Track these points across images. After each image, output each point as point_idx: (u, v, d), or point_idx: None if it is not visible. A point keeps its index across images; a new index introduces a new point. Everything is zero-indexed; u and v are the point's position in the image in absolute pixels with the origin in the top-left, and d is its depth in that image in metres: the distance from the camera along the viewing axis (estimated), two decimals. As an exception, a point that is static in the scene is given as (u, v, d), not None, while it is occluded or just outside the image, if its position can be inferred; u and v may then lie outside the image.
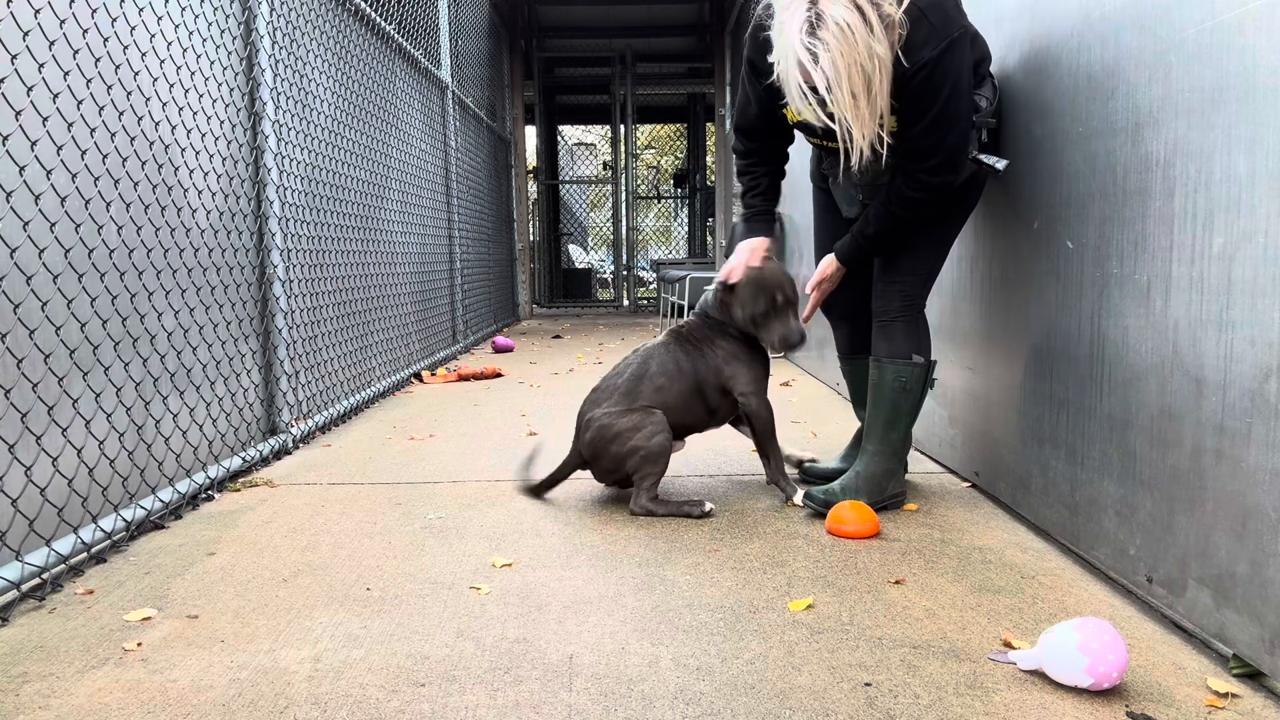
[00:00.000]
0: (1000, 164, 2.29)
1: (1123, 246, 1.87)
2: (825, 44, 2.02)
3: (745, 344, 2.62)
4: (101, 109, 2.29)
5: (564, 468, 2.65)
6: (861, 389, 2.71)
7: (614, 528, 2.38)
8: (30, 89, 2.00)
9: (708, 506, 2.45)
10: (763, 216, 2.62)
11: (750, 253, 2.58)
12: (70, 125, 2.16)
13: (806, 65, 2.05)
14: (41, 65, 2.05)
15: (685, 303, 6.68)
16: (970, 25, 2.22)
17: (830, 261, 2.52)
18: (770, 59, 2.18)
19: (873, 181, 2.38)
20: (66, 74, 2.15)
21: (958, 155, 2.25)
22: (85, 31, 2.23)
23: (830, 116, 2.10)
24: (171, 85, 2.64)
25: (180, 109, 2.69)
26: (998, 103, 2.41)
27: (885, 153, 2.17)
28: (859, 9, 2.02)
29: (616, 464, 2.54)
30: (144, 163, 2.49)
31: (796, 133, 2.49)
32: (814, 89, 2.09)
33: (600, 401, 2.59)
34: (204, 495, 2.70)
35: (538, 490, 2.70)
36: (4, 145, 1.93)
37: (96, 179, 2.26)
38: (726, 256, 2.94)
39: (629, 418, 2.52)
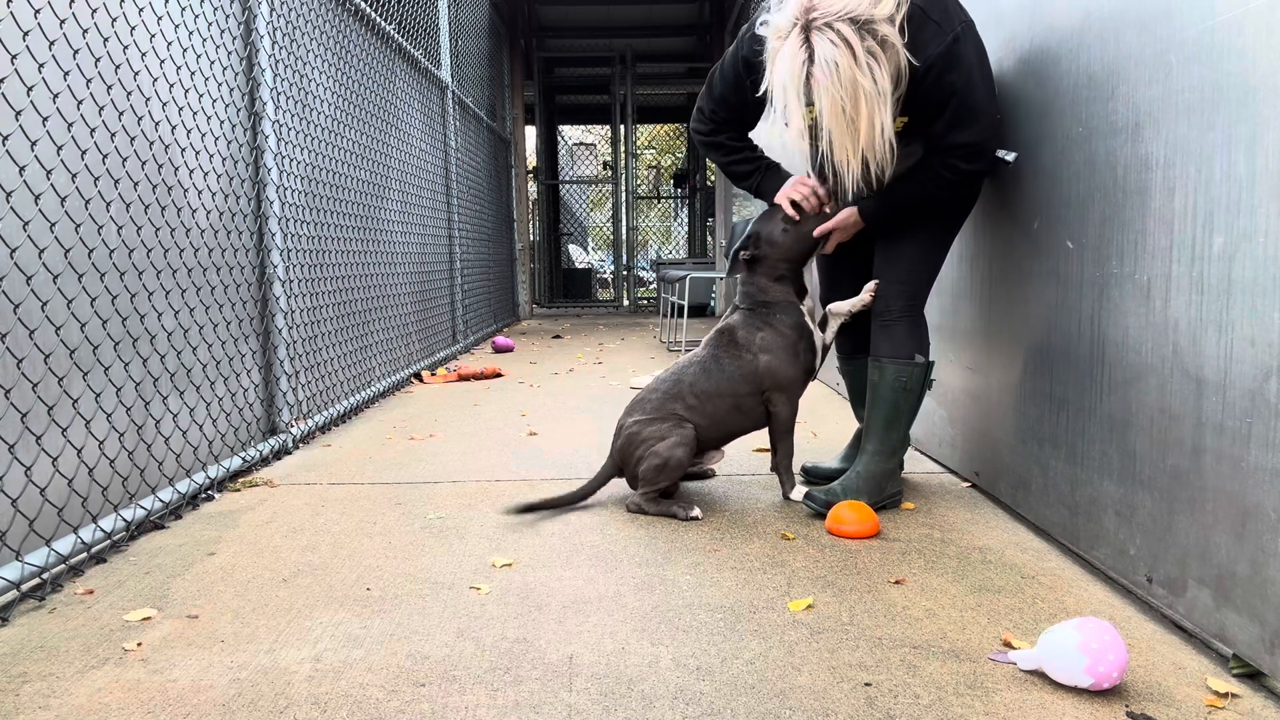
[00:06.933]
0: (1010, 156, 2.32)
1: (1123, 246, 1.87)
2: (818, 82, 2.09)
3: (790, 331, 2.51)
4: (101, 109, 2.29)
5: (601, 476, 2.59)
6: (861, 389, 2.71)
7: (614, 528, 2.38)
8: (30, 89, 2.00)
9: (695, 511, 2.44)
10: (772, 167, 2.56)
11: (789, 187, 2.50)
12: (70, 125, 2.16)
13: (803, 106, 2.14)
14: (41, 65, 2.05)
15: (685, 303, 6.67)
16: (970, 18, 2.24)
17: (851, 213, 2.43)
18: (765, 81, 2.22)
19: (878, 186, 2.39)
20: (66, 74, 2.15)
21: (987, 146, 2.26)
22: (85, 31, 2.23)
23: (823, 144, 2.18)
24: (171, 85, 2.64)
25: (180, 109, 2.69)
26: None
27: (875, 177, 2.21)
28: (848, 43, 2.06)
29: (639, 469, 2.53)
30: (144, 163, 2.49)
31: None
32: (811, 128, 2.18)
33: (634, 411, 2.58)
34: (204, 495, 2.70)
35: (570, 501, 2.56)
36: (4, 145, 1.93)
37: (96, 179, 2.26)
38: (726, 256, 2.92)
39: (656, 426, 2.51)
